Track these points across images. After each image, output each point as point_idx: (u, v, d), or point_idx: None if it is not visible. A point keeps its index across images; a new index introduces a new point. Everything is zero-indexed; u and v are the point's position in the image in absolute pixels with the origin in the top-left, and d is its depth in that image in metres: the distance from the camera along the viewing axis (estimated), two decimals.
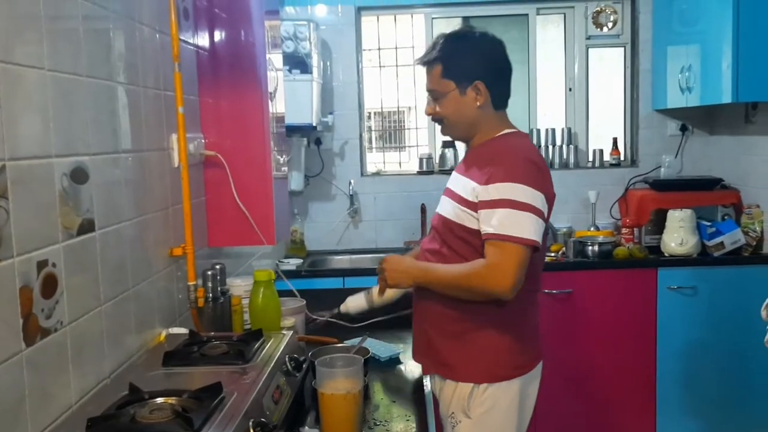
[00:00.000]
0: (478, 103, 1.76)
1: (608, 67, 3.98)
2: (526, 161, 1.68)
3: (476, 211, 1.67)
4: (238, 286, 2.04)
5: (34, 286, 1.16)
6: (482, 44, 1.80)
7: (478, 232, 1.67)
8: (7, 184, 1.09)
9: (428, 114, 1.86)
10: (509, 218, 1.61)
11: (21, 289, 1.12)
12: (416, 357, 1.89)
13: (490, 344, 1.75)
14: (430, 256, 1.83)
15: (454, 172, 1.89)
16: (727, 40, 2.99)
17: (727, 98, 3.01)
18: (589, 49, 3.95)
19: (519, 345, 1.77)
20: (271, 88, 2.18)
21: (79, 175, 1.33)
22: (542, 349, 1.88)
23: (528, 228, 1.61)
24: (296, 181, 3.62)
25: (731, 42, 2.96)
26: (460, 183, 1.78)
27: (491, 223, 1.62)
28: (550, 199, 1.71)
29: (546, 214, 1.68)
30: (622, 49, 3.92)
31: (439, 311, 1.79)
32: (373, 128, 4.21)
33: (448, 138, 3.93)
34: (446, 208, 1.80)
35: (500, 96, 1.81)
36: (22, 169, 1.13)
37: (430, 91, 1.83)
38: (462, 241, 1.73)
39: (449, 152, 3.93)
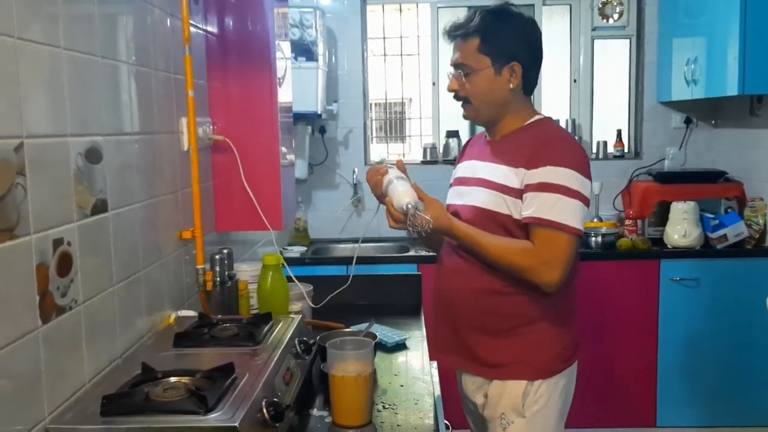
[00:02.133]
0: (511, 85, 1.66)
1: (613, 58, 3.98)
2: (574, 147, 1.64)
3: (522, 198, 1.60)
4: (245, 271, 2.05)
5: (50, 264, 1.17)
6: (524, 25, 1.71)
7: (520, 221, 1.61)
8: (25, 162, 1.09)
9: (452, 90, 1.71)
10: (560, 204, 1.54)
11: (38, 267, 1.13)
12: (445, 356, 1.82)
13: (544, 339, 1.69)
14: (459, 254, 1.73)
15: (474, 162, 1.76)
16: (734, 32, 2.99)
17: (732, 91, 3.01)
18: (595, 41, 3.95)
19: (568, 336, 1.73)
20: (279, 75, 2.18)
21: (93, 155, 1.33)
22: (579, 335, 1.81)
23: (577, 217, 1.56)
24: (300, 169, 3.62)
25: (738, 34, 2.96)
26: (494, 171, 1.66)
27: (539, 207, 1.55)
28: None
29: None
30: (628, 40, 3.92)
31: (482, 309, 1.70)
32: (373, 119, 4.20)
33: (452, 128, 4.02)
34: (481, 198, 1.67)
35: (531, 82, 1.72)
36: (38, 147, 1.14)
37: (459, 65, 1.69)
38: (504, 231, 1.63)
39: (453, 142, 3.93)
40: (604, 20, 3.90)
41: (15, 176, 1.06)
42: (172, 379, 1.29)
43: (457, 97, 1.72)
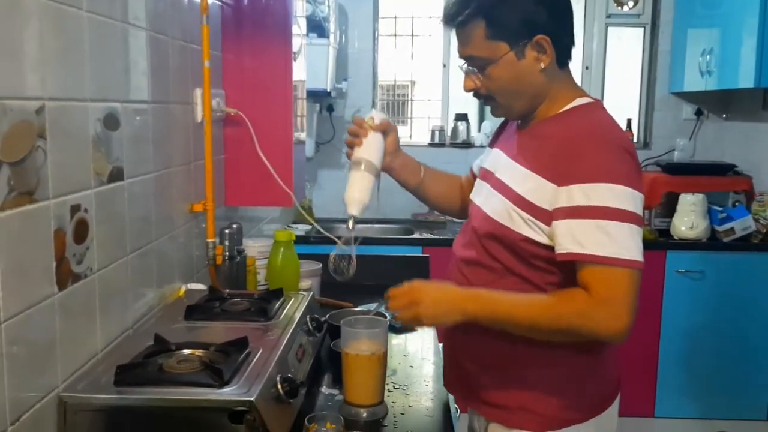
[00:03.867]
0: (542, 65, 1.28)
1: (627, 47, 3.95)
2: (620, 150, 1.22)
3: (546, 221, 1.24)
4: (253, 247, 2.03)
5: (68, 230, 1.15)
6: None
7: (537, 243, 1.26)
8: (46, 125, 1.07)
9: (469, 90, 1.36)
10: (607, 233, 1.17)
11: (55, 232, 1.11)
12: (449, 388, 1.52)
13: (553, 380, 1.34)
14: (466, 267, 1.40)
15: (500, 153, 1.42)
16: (753, 25, 2.96)
17: (748, 83, 2.98)
18: (609, 28, 3.92)
19: (593, 378, 1.36)
20: (295, 48, 2.14)
21: (111, 122, 1.31)
22: (620, 375, 1.45)
23: (632, 245, 1.19)
24: (307, 147, 3.59)
25: (757, 26, 2.92)
26: (514, 174, 1.32)
27: (579, 239, 1.18)
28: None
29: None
30: (642, 29, 3.88)
31: (476, 341, 1.37)
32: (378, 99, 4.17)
33: (462, 110, 4.00)
34: (496, 208, 1.32)
35: (565, 49, 1.32)
36: (59, 110, 1.11)
37: (468, 58, 1.33)
38: (510, 251, 1.30)
39: (462, 125, 3.91)
40: (619, 7, 3.86)
41: (35, 139, 1.04)
42: (186, 351, 1.28)
43: (477, 95, 1.37)
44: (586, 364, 1.35)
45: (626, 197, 1.19)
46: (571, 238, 1.19)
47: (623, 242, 1.18)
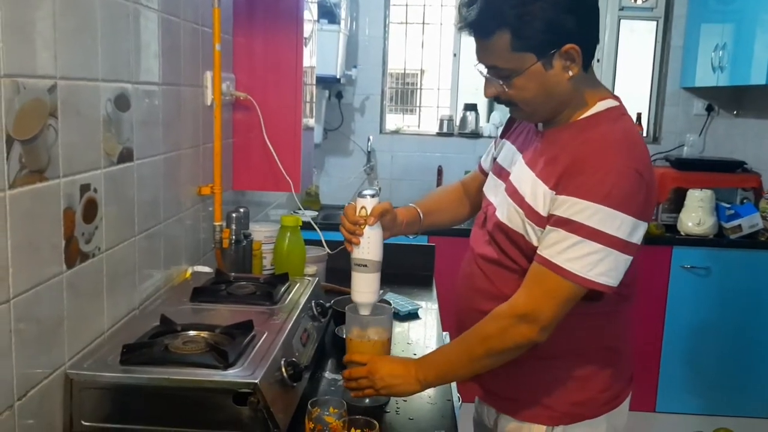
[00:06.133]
0: (570, 73, 1.22)
1: (639, 40, 3.92)
2: (628, 172, 1.17)
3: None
4: (259, 231, 2.04)
5: (77, 210, 1.15)
6: None
7: None
8: (57, 104, 1.07)
9: (490, 97, 1.30)
10: (577, 249, 1.16)
11: (65, 211, 1.11)
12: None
13: (568, 374, 1.33)
14: (486, 264, 1.37)
15: (516, 152, 1.39)
16: (766, 21, 2.93)
17: (760, 80, 2.95)
18: (621, 21, 3.89)
19: (607, 372, 1.35)
20: (306, 34, 2.14)
21: (122, 102, 1.31)
22: (634, 371, 1.45)
23: (603, 269, 1.16)
24: (315, 134, 3.58)
25: None
26: (527, 181, 1.29)
27: (552, 245, 1.19)
28: (651, 215, 1.26)
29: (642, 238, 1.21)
30: (655, 22, 3.85)
31: None
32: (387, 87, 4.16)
33: (471, 100, 3.98)
34: (512, 219, 1.30)
35: (590, 53, 1.25)
36: (71, 89, 1.12)
37: (491, 68, 1.26)
38: (527, 257, 1.27)
39: (471, 115, 3.89)
40: (633, 0, 3.83)
41: (47, 117, 1.05)
42: (191, 332, 1.29)
43: (499, 101, 1.31)
44: (603, 358, 1.34)
45: (614, 221, 1.15)
46: (547, 240, 1.20)
47: (591, 263, 1.16)
